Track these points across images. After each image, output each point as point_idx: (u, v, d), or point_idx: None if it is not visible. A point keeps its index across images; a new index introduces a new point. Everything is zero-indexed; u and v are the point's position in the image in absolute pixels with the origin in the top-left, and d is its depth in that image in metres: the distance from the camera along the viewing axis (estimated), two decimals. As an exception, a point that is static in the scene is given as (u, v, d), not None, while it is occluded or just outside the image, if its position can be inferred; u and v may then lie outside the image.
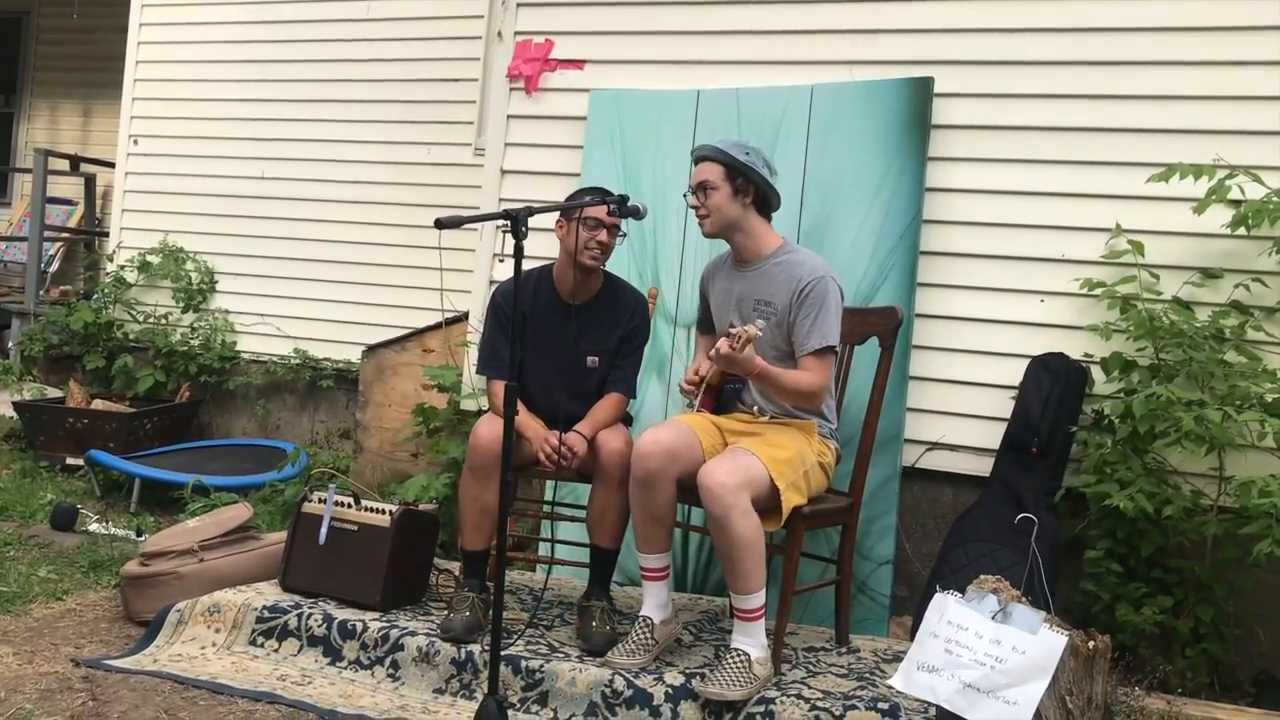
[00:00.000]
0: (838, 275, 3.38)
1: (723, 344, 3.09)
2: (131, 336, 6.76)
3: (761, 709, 3.01)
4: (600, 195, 3.51)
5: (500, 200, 4.63)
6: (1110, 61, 3.84)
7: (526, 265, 3.05)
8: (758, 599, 3.09)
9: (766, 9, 4.31)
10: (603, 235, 3.49)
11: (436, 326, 5.20)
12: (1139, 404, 3.36)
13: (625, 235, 3.59)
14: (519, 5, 4.70)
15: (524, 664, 3.22)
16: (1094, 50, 3.85)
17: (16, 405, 6.12)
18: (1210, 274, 3.67)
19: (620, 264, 4.16)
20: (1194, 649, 3.45)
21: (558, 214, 3.60)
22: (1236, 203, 3.51)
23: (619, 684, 3.13)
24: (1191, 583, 3.51)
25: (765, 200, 3.42)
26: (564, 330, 3.57)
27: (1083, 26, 3.87)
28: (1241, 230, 3.52)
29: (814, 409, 3.37)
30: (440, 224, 2.80)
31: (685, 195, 3.46)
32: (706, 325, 3.66)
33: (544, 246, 3.96)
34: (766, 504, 3.11)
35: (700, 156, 3.40)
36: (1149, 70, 3.79)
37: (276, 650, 3.49)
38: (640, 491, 3.24)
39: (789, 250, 3.41)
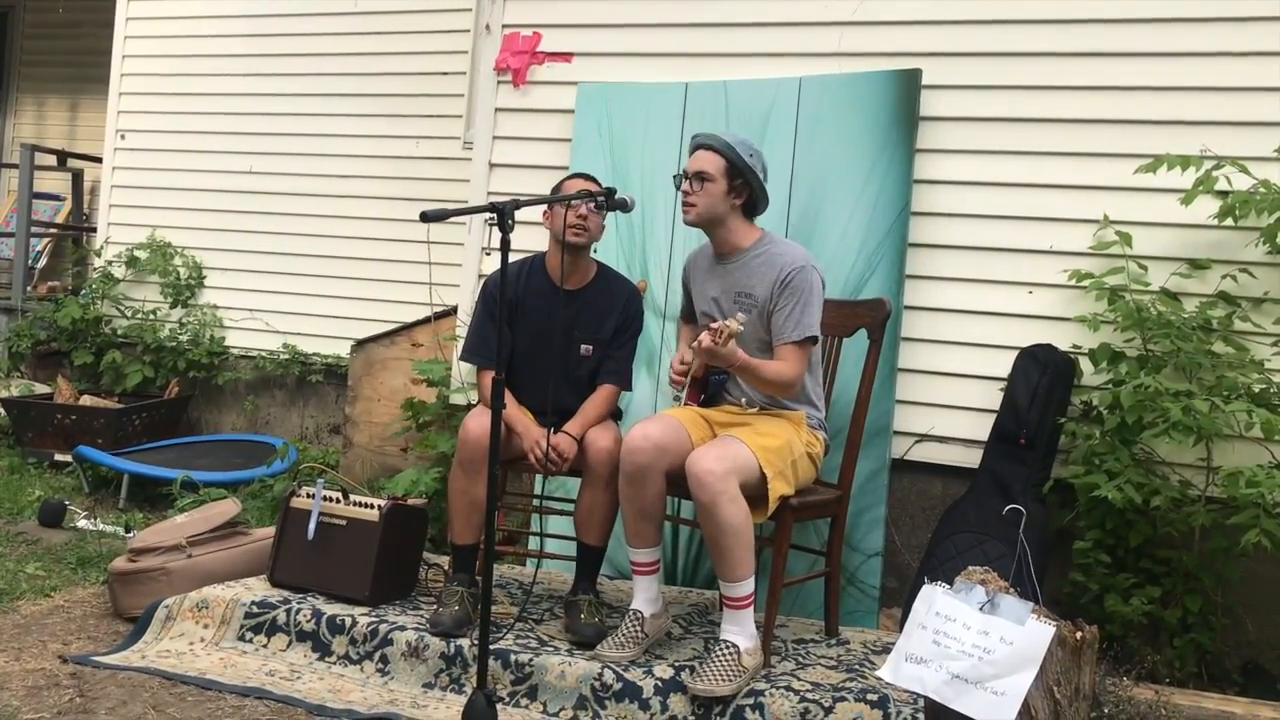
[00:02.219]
0: (819, 265, 3.37)
1: (705, 337, 3.08)
2: (120, 332, 6.73)
3: (751, 701, 3.01)
4: (586, 176, 3.54)
5: (488, 194, 4.62)
6: (1097, 53, 3.84)
7: (515, 258, 3.04)
8: (747, 586, 3.09)
9: (755, 1, 4.29)
10: (583, 209, 3.47)
11: (425, 321, 5.20)
12: (1127, 395, 3.37)
13: (609, 212, 3.52)
14: (507, -2, 4.69)
15: (513, 658, 3.21)
16: (1081, 42, 3.85)
17: (4, 401, 6.09)
18: (1198, 265, 3.67)
19: (609, 256, 4.16)
20: (1182, 639, 3.46)
21: (545, 206, 3.59)
22: (1224, 193, 3.52)
23: (608, 677, 3.12)
24: (1180, 573, 3.52)
25: (754, 204, 3.41)
26: (556, 315, 3.56)
27: (1070, 18, 3.87)
28: (1229, 221, 3.53)
29: (790, 397, 3.37)
30: (426, 217, 2.79)
31: (675, 177, 3.43)
32: (690, 315, 3.65)
33: (531, 240, 3.95)
34: (755, 493, 3.11)
35: (705, 145, 3.36)
36: (1136, 61, 3.79)
37: (265, 645, 3.48)
38: (629, 487, 3.24)
39: (769, 242, 3.41)
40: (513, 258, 3.01)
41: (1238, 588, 3.52)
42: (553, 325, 3.57)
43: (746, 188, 3.36)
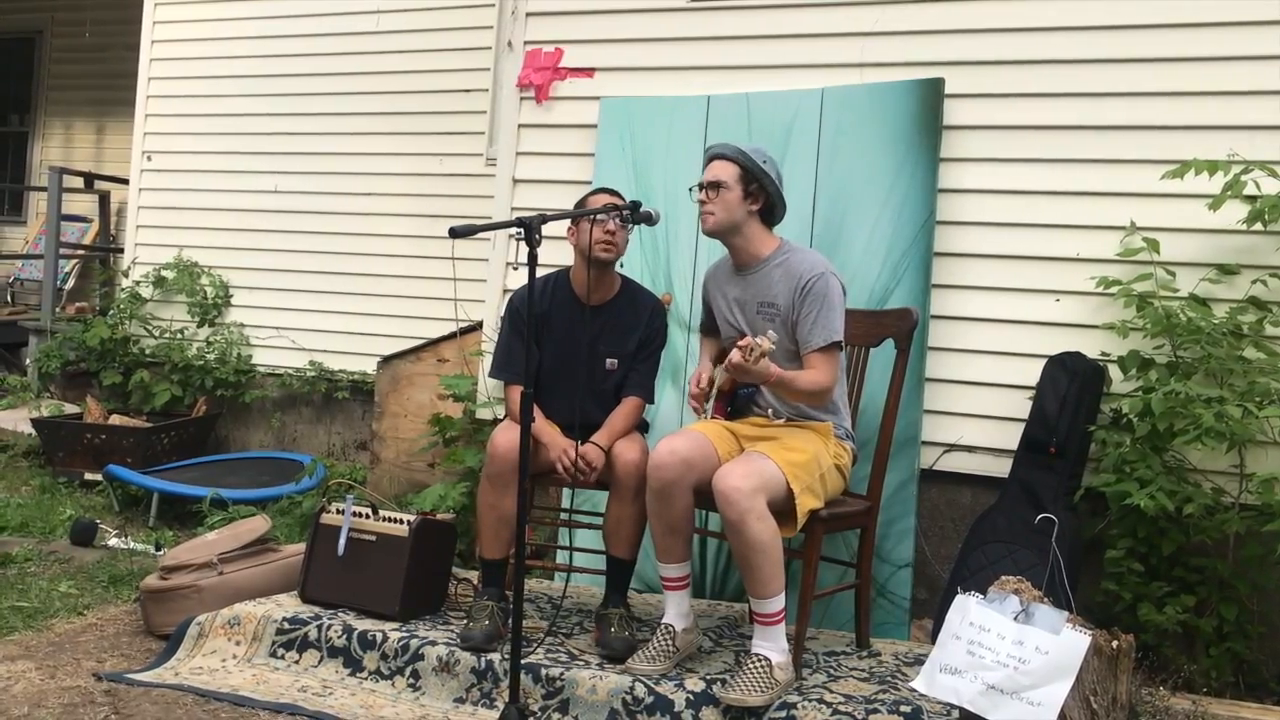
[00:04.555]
0: (839, 271, 3.37)
1: (735, 355, 3.07)
2: (147, 351, 6.79)
3: (783, 714, 3.00)
4: (610, 191, 3.55)
5: (513, 209, 4.64)
6: (1122, 59, 3.82)
7: (540, 273, 3.06)
8: (777, 603, 3.08)
9: (776, 13, 4.31)
10: (611, 225, 3.48)
11: (451, 336, 5.22)
12: (1158, 401, 3.34)
13: (633, 226, 3.54)
14: (528, 15, 4.72)
15: (544, 672, 3.21)
16: (1105, 48, 3.84)
17: (35, 422, 6.15)
18: (1227, 270, 3.65)
19: (633, 270, 4.16)
20: (1218, 648, 3.42)
21: (568, 222, 3.60)
22: (1252, 198, 3.49)
23: (640, 691, 3.12)
24: (1214, 581, 3.49)
25: (771, 210, 3.42)
26: (581, 330, 3.57)
27: (1093, 25, 3.85)
28: (1258, 225, 3.50)
29: (823, 405, 3.36)
30: (454, 233, 2.81)
31: (692, 189, 3.45)
32: (711, 328, 3.65)
33: (557, 255, 3.96)
34: (783, 508, 3.10)
35: (718, 155, 3.39)
36: (1161, 67, 3.77)
37: (297, 662, 3.49)
38: (657, 502, 3.23)
39: (788, 250, 3.41)
40: (538, 272, 3.02)
41: (1273, 595, 3.48)
42: (578, 340, 3.58)
43: (762, 192, 3.36)
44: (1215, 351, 3.43)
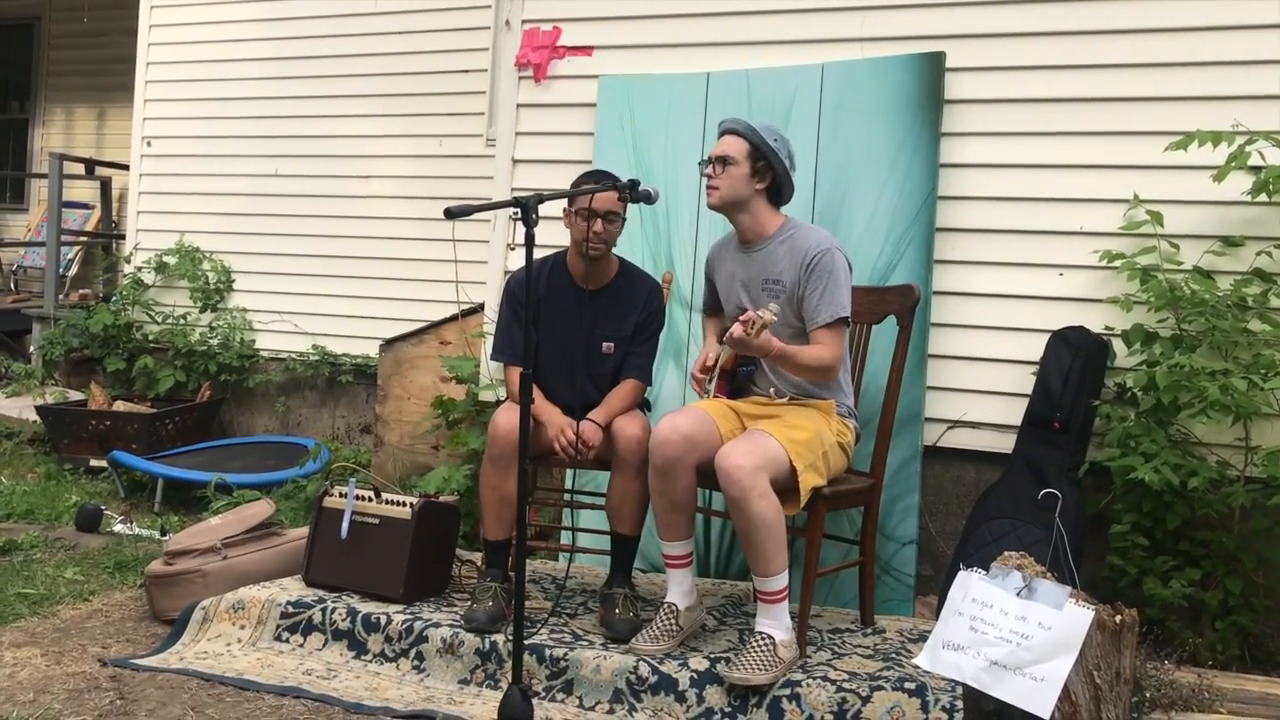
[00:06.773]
0: (843, 247, 3.36)
1: (736, 329, 3.06)
2: (151, 337, 6.79)
3: (788, 691, 3.00)
4: (601, 178, 3.48)
5: (512, 190, 4.62)
6: (1124, 30, 3.78)
7: (539, 253, 3.04)
8: (780, 580, 3.08)
9: (775, -12, 4.27)
10: (597, 226, 3.47)
11: (453, 318, 5.21)
12: (1162, 375, 3.32)
13: (624, 220, 3.54)
14: (525, -7, 4.69)
15: (548, 653, 3.21)
16: (1106, 19, 3.80)
17: (39, 409, 6.16)
18: (1231, 242, 3.62)
19: (634, 249, 4.15)
20: (1223, 621, 3.41)
21: (565, 203, 3.58)
22: (1257, 169, 3.46)
23: (644, 670, 3.12)
24: (1219, 555, 3.47)
25: (778, 189, 3.40)
26: (578, 315, 3.56)
27: (1095, -5, 3.82)
28: (1262, 197, 3.47)
29: (829, 382, 3.35)
30: (450, 213, 2.79)
31: (700, 163, 3.44)
32: (714, 308, 3.64)
33: (556, 235, 3.94)
34: (786, 486, 3.09)
35: (729, 130, 3.38)
36: (1164, 37, 3.74)
37: (301, 645, 3.50)
38: (659, 480, 3.23)
39: (793, 227, 3.39)
40: (537, 253, 3.00)
41: (1279, 569, 3.47)
42: (575, 324, 3.57)
43: (769, 170, 3.35)
44: (1220, 324, 3.40)
